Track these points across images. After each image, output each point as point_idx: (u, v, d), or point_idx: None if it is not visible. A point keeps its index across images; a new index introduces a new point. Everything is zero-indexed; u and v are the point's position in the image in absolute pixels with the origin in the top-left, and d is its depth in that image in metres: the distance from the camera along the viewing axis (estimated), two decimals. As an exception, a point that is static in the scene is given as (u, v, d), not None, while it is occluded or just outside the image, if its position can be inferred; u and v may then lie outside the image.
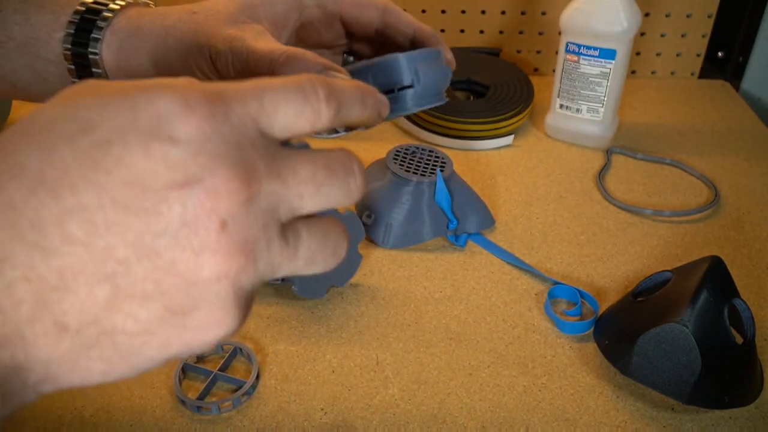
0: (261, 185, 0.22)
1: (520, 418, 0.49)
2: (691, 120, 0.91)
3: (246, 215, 0.21)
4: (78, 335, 0.21)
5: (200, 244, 0.21)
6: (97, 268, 0.20)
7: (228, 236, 0.21)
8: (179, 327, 0.22)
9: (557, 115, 0.84)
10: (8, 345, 0.20)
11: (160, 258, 0.21)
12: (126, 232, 0.20)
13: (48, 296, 0.20)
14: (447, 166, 0.67)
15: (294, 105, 0.23)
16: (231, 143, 0.22)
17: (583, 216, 0.71)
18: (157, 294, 0.21)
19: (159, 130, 0.21)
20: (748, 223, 0.70)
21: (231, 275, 0.21)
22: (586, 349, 0.55)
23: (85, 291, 0.20)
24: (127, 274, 0.20)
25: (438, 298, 0.60)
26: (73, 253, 0.20)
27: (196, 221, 0.21)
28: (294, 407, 0.50)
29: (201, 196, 0.21)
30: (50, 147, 0.21)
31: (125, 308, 0.21)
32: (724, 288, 0.50)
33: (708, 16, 0.97)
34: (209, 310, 0.22)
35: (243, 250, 0.21)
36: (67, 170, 0.20)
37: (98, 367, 0.21)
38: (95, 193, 0.20)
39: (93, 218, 0.20)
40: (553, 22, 0.97)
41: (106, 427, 0.48)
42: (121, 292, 0.21)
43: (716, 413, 0.49)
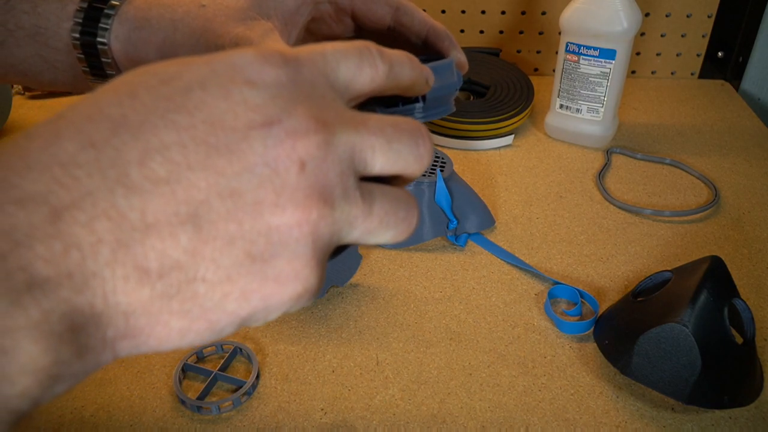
0: (336, 130, 0.22)
1: (520, 418, 0.49)
2: (691, 120, 0.91)
3: (324, 158, 0.21)
4: (159, 281, 0.20)
5: (281, 184, 0.21)
6: (180, 207, 0.20)
7: (307, 177, 0.21)
8: (259, 276, 0.21)
9: (557, 115, 0.84)
10: (87, 289, 0.19)
11: (242, 198, 0.20)
12: (208, 171, 0.20)
13: (129, 236, 0.19)
14: (447, 166, 0.67)
15: (353, 59, 0.24)
16: (305, 91, 0.22)
17: (583, 216, 0.71)
18: (239, 237, 0.20)
19: (236, 76, 0.21)
20: (748, 223, 0.70)
21: (311, 220, 0.21)
22: (586, 349, 0.55)
23: (167, 231, 0.20)
24: (210, 215, 0.20)
25: (438, 298, 0.60)
26: (155, 191, 0.20)
27: (277, 160, 0.21)
28: (294, 407, 0.50)
29: (281, 135, 0.21)
30: (131, 95, 0.21)
31: (207, 252, 0.20)
32: (724, 288, 0.50)
33: (708, 16, 0.97)
34: (289, 259, 0.21)
35: (322, 194, 0.21)
36: (149, 113, 0.20)
37: (177, 324, 0.21)
38: (177, 132, 0.20)
39: (175, 157, 0.20)
40: (553, 22, 0.97)
41: (106, 427, 0.48)
42: (204, 233, 0.20)
43: (716, 413, 0.49)
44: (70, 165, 0.19)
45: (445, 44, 0.40)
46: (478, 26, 0.99)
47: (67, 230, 0.19)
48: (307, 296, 0.22)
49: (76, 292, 0.19)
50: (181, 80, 0.21)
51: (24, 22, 0.39)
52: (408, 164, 0.24)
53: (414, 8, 0.40)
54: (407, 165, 0.24)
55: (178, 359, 0.53)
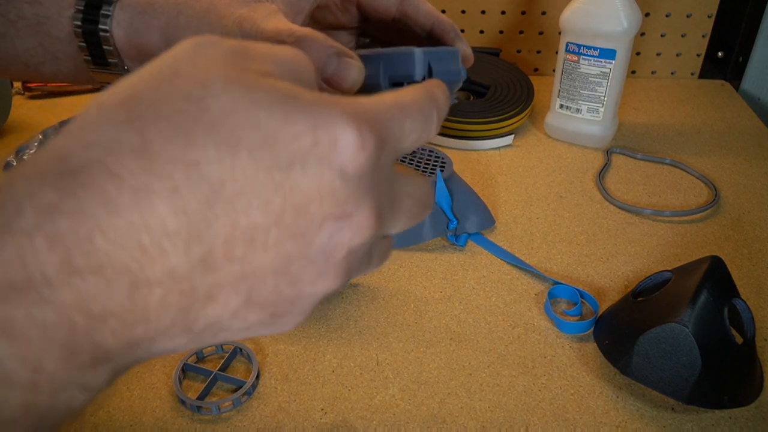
0: (384, 223, 0.24)
1: (520, 418, 0.49)
2: (691, 120, 0.91)
3: (366, 245, 0.23)
4: (196, 335, 0.22)
5: (325, 269, 0.22)
6: (241, 282, 0.21)
7: (347, 263, 0.23)
8: (273, 326, 0.23)
9: (557, 115, 0.84)
10: (138, 350, 0.20)
11: (291, 276, 0.22)
12: (280, 255, 0.21)
13: (191, 306, 0.20)
14: (447, 166, 0.67)
15: (419, 124, 0.25)
16: (377, 180, 0.23)
17: (583, 216, 0.71)
18: (272, 304, 0.22)
19: (335, 159, 0.21)
20: (748, 223, 0.70)
21: (330, 291, 0.23)
22: (586, 349, 0.55)
23: (223, 302, 0.21)
24: (261, 289, 0.21)
25: (438, 298, 0.60)
26: (229, 269, 0.20)
27: (333, 250, 0.22)
28: (294, 407, 0.50)
29: (345, 229, 0.22)
30: (232, 154, 0.20)
31: (244, 314, 0.22)
32: (724, 288, 0.50)
33: (708, 16, 0.97)
34: (298, 313, 0.23)
35: (347, 273, 0.23)
36: (247, 186, 0.20)
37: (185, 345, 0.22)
38: (267, 215, 0.20)
39: (257, 239, 0.20)
40: (553, 22, 0.97)
41: (106, 427, 0.48)
42: (251, 302, 0.22)
43: (716, 413, 0.49)
44: (159, 234, 0.19)
45: (450, 36, 0.40)
46: (478, 26, 0.99)
47: (143, 305, 0.19)
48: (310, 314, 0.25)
49: (128, 356, 0.21)
50: (285, 149, 0.20)
51: (25, 11, 0.39)
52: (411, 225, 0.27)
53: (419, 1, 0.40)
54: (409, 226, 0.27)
55: (178, 359, 0.53)
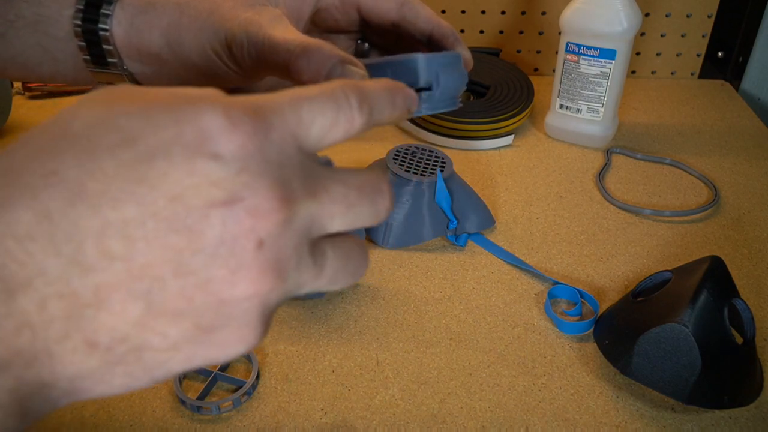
0: (298, 205, 0.22)
1: (520, 418, 0.49)
2: (691, 120, 0.91)
3: (282, 235, 0.21)
4: (107, 353, 0.20)
5: (236, 262, 0.21)
6: (134, 285, 0.20)
7: (263, 255, 0.21)
8: (205, 343, 0.21)
9: (557, 115, 0.84)
10: (35, 364, 0.19)
11: (195, 276, 0.20)
12: (165, 249, 0.20)
13: (81, 313, 0.19)
14: (447, 166, 0.67)
15: (329, 114, 0.23)
16: (272, 161, 0.21)
17: (583, 216, 0.71)
18: (189, 312, 0.21)
19: (203, 145, 0.20)
20: (748, 223, 0.70)
21: (261, 294, 0.21)
22: (586, 349, 0.55)
23: (119, 308, 0.20)
24: (162, 292, 0.20)
25: (438, 298, 0.60)
26: (110, 269, 0.19)
27: (235, 240, 0.20)
28: (294, 407, 0.50)
29: (241, 215, 0.20)
30: (90, 157, 0.20)
31: (156, 326, 0.20)
32: (724, 288, 0.50)
33: (708, 16, 0.97)
34: (236, 328, 0.21)
35: (275, 269, 0.21)
36: (109, 183, 0.19)
37: (120, 382, 0.21)
38: (138, 208, 0.20)
39: (134, 234, 0.19)
40: (553, 22, 0.97)
41: (106, 427, 0.48)
42: (154, 309, 0.20)
43: (716, 413, 0.49)
44: (24, 238, 0.19)
45: (449, 41, 0.40)
46: (478, 26, 0.99)
47: (20, 309, 0.19)
48: (250, 348, 0.23)
49: (24, 369, 0.19)
50: (146, 143, 0.20)
51: (24, 11, 0.39)
52: (365, 222, 0.25)
53: (420, 5, 0.40)
54: (364, 222, 0.25)
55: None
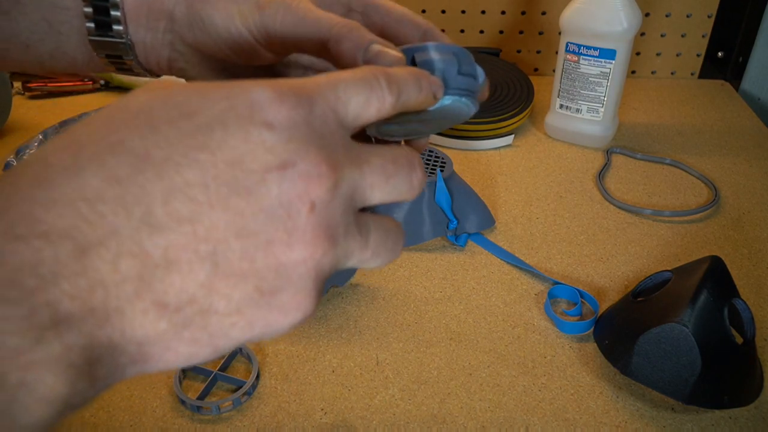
0: (344, 172, 0.23)
1: (520, 418, 0.49)
2: (691, 120, 0.91)
3: (331, 200, 0.22)
4: (175, 315, 0.21)
5: (292, 225, 0.22)
6: (200, 246, 0.21)
7: (316, 219, 0.22)
8: (265, 308, 0.22)
9: (557, 115, 0.84)
10: (107, 324, 0.20)
11: (256, 237, 0.21)
12: (228, 212, 0.21)
13: (151, 273, 0.20)
14: (447, 166, 0.67)
15: (363, 93, 0.25)
16: (317, 131, 0.23)
17: (583, 216, 0.71)
18: (251, 274, 0.21)
19: (255, 116, 0.22)
20: (748, 223, 0.70)
21: (316, 258, 0.22)
22: (586, 349, 0.55)
23: (187, 269, 0.20)
24: (227, 253, 0.21)
25: (438, 298, 0.60)
26: (178, 230, 0.20)
27: (290, 203, 0.22)
28: (294, 407, 0.50)
29: (295, 178, 0.22)
30: (152, 129, 0.21)
31: (221, 288, 0.21)
32: (724, 288, 0.50)
33: (708, 16, 0.97)
34: (293, 292, 0.22)
35: (327, 234, 0.22)
36: (172, 150, 0.21)
37: (186, 350, 0.22)
38: (201, 172, 0.21)
39: (198, 196, 0.21)
40: (553, 22, 0.97)
41: (106, 427, 0.48)
42: (220, 270, 0.21)
43: (716, 413, 0.49)
44: (95, 200, 0.20)
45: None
46: (478, 26, 0.99)
47: (93, 267, 0.19)
48: (305, 319, 0.23)
49: (97, 327, 0.20)
50: (203, 116, 0.22)
51: None
52: (401, 195, 0.26)
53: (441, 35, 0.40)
54: (400, 195, 0.26)
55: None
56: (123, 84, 0.94)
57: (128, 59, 0.38)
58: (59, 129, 0.76)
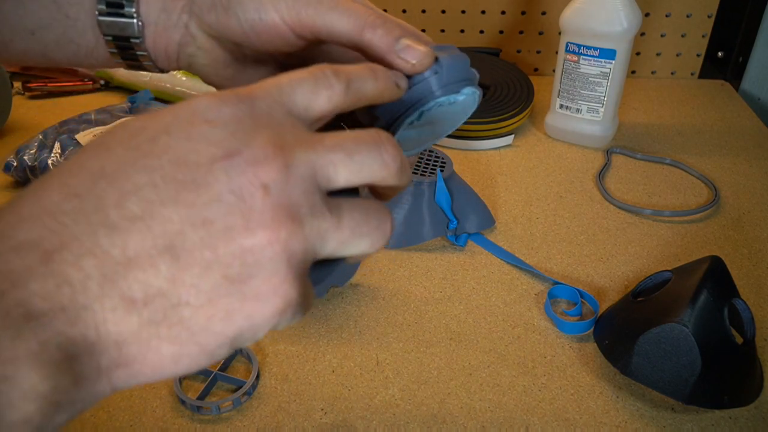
0: (294, 153, 0.24)
1: (520, 418, 0.49)
2: (691, 120, 0.91)
3: (286, 180, 0.23)
4: (145, 309, 0.21)
5: (248, 209, 0.22)
6: (157, 240, 0.22)
7: (272, 200, 0.23)
8: (239, 296, 0.22)
9: (557, 115, 0.84)
10: (79, 321, 0.21)
11: (213, 225, 0.22)
12: (179, 205, 0.22)
13: (113, 270, 0.21)
14: (447, 166, 0.67)
15: (308, 83, 0.26)
16: (262, 122, 0.24)
17: (583, 216, 0.71)
18: (215, 262, 0.22)
19: (196, 118, 0.23)
20: (748, 223, 0.70)
21: (281, 239, 0.23)
22: (586, 349, 0.55)
23: (147, 263, 0.21)
24: (185, 244, 0.22)
25: (438, 298, 0.60)
26: (132, 228, 0.21)
27: (241, 188, 0.22)
28: (294, 407, 0.50)
29: (242, 164, 0.22)
30: (108, 149, 0.23)
31: (187, 279, 0.22)
32: (724, 288, 0.50)
33: (708, 16, 0.97)
34: (266, 277, 0.22)
35: (288, 213, 0.23)
36: (122, 162, 0.22)
37: (168, 350, 0.22)
38: (148, 174, 0.22)
39: (148, 196, 0.22)
40: (553, 22, 0.97)
41: (106, 427, 0.48)
42: (182, 261, 0.22)
43: (716, 413, 0.49)
44: (57, 213, 0.21)
45: None
46: (478, 26, 0.99)
47: (58, 269, 0.21)
48: (291, 310, 0.23)
49: (69, 325, 0.20)
50: (148, 131, 0.23)
51: None
52: (374, 172, 0.26)
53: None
54: (373, 173, 0.26)
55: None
56: (123, 84, 0.94)
57: (135, 42, 0.37)
58: (59, 129, 0.76)
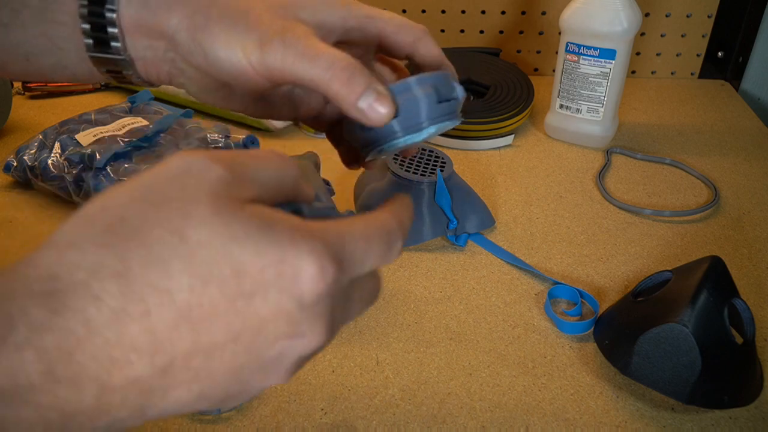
0: (334, 333, 0.26)
1: (520, 418, 0.49)
2: (691, 120, 0.91)
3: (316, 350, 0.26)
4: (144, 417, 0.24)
5: (274, 371, 0.25)
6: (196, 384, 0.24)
7: (293, 365, 0.25)
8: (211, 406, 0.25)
9: (557, 115, 0.84)
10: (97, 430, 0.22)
11: (240, 381, 0.24)
12: (232, 366, 0.24)
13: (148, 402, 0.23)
14: (447, 166, 0.67)
15: (380, 258, 0.27)
16: (334, 306, 0.25)
17: (583, 216, 0.71)
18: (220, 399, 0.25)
19: (294, 289, 0.23)
20: (748, 223, 0.70)
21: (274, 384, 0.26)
22: (586, 349, 0.55)
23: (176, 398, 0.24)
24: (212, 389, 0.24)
25: (438, 298, 0.60)
26: (185, 375, 0.23)
27: (283, 360, 0.25)
28: (294, 407, 0.50)
29: (297, 347, 0.25)
30: (203, 283, 0.22)
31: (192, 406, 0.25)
32: (724, 288, 0.50)
33: (708, 16, 0.97)
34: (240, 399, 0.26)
35: (294, 369, 0.26)
36: (211, 313, 0.23)
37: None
38: (226, 335, 0.23)
39: (214, 354, 0.23)
40: (553, 22, 0.97)
41: (106, 427, 0.48)
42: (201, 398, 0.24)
43: (716, 413, 0.49)
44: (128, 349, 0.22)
45: None
46: (478, 26, 0.99)
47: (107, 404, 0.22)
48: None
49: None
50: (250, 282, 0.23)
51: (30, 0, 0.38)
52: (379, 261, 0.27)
53: (432, 42, 0.40)
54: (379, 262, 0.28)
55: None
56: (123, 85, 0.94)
57: (128, 73, 0.38)
58: (59, 129, 0.76)
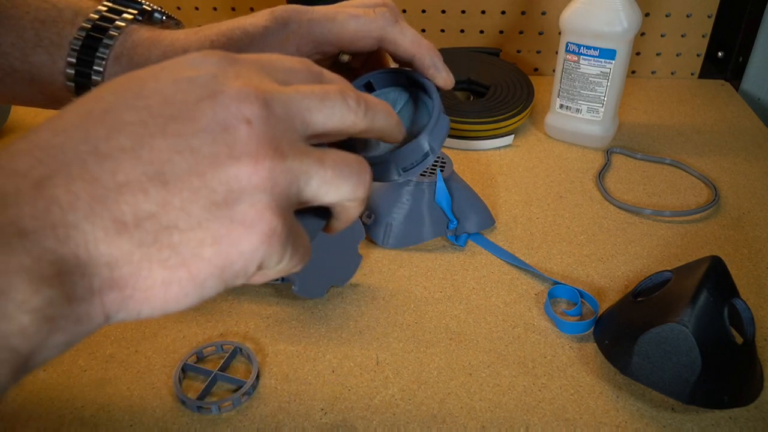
0: (273, 94, 0.26)
1: (520, 418, 0.49)
2: (691, 120, 0.91)
3: (267, 116, 0.25)
4: (136, 231, 0.23)
5: (233, 139, 0.24)
6: (146, 167, 0.23)
7: (255, 131, 0.24)
8: (225, 221, 0.24)
9: (557, 115, 0.84)
10: (70, 240, 0.22)
11: (199, 153, 0.24)
12: (167, 136, 0.24)
13: (103, 194, 0.22)
14: (447, 166, 0.67)
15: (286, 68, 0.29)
16: (243, 71, 0.26)
17: (583, 216, 0.71)
18: (203, 187, 0.24)
19: (182, 68, 0.26)
20: (748, 223, 0.70)
21: (265, 167, 0.24)
22: (586, 349, 0.55)
23: (137, 188, 0.23)
24: (174, 171, 0.23)
25: (438, 298, 0.60)
26: (122, 157, 0.23)
27: (226, 120, 0.24)
28: (294, 407, 0.50)
29: (226, 100, 0.25)
30: (95, 97, 0.25)
31: (177, 203, 0.23)
32: (724, 288, 0.50)
33: (708, 16, 0.97)
34: (250, 203, 0.24)
35: (271, 145, 0.25)
36: (111, 104, 0.24)
37: (159, 274, 0.23)
38: (136, 112, 0.24)
39: (137, 130, 0.24)
40: (553, 22, 0.97)
41: (106, 427, 0.48)
42: (171, 187, 0.23)
43: (716, 413, 0.49)
44: (46, 147, 0.23)
45: (429, 72, 0.41)
46: (478, 26, 0.99)
47: (48, 193, 0.22)
48: (277, 241, 0.25)
49: (60, 243, 0.22)
50: (137, 78, 0.25)
51: (17, 66, 0.41)
52: (343, 116, 0.28)
53: (400, 35, 0.41)
54: (343, 117, 0.28)
55: (178, 359, 0.53)
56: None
57: None
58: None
